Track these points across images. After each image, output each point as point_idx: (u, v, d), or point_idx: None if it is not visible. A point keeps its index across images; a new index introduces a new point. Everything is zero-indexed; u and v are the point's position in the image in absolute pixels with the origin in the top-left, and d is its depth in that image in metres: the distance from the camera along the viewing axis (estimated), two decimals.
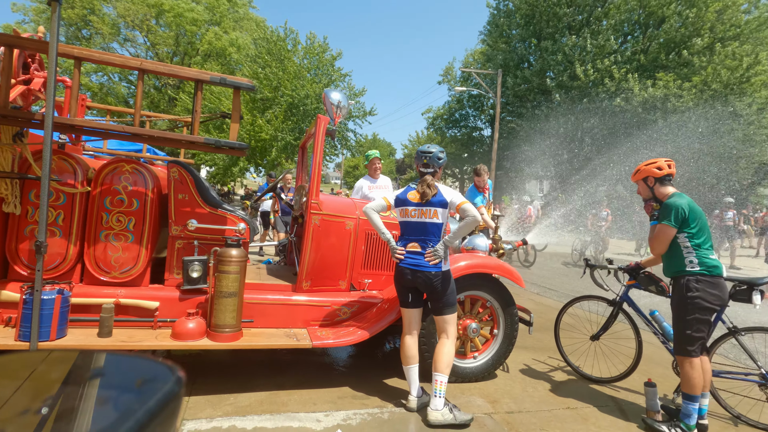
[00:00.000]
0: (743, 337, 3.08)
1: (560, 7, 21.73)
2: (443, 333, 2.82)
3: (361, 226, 3.50)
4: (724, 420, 3.11)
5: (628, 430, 2.87)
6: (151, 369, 0.57)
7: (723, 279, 2.84)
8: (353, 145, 23.28)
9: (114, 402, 0.50)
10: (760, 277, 3.13)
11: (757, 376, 3.06)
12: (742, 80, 17.84)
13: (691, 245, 2.84)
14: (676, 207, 2.83)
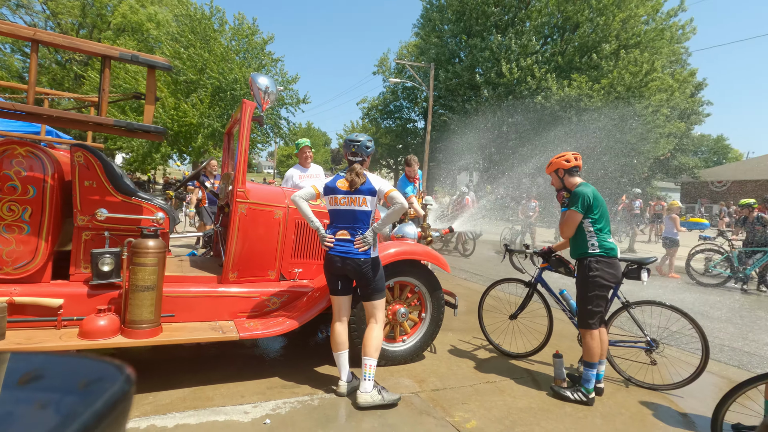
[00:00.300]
0: (634, 310, 3.52)
1: (488, 6, 22.75)
2: (372, 318, 2.90)
3: (290, 214, 3.45)
4: (617, 383, 3.53)
5: (539, 397, 3.17)
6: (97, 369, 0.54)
7: (618, 260, 3.22)
8: (286, 133, 22.65)
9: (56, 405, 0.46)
10: (647, 258, 3.60)
11: (644, 343, 3.52)
12: (641, 84, 20.04)
13: (594, 230, 3.18)
14: (583, 195, 3.14)
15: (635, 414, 3.01)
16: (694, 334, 3.32)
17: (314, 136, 53.01)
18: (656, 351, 3.48)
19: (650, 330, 3.60)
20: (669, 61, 22.46)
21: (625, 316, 3.60)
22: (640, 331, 3.51)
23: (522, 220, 11.74)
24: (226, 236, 3.31)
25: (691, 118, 27.29)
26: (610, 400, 3.20)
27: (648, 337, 3.49)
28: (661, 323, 3.62)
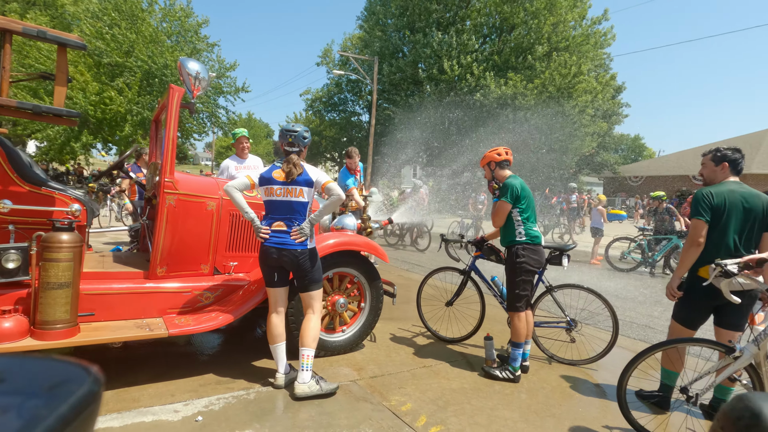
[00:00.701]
0: (556, 293, 3.82)
1: (431, 3, 23.16)
2: (309, 308, 2.89)
3: (224, 206, 3.33)
4: (542, 360, 3.82)
5: (471, 378, 3.35)
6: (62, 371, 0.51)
7: (542, 247, 3.47)
8: (225, 123, 21.64)
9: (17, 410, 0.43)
10: (567, 245, 3.91)
11: (564, 323, 3.83)
12: (570, 86, 21.50)
13: (521, 219, 3.40)
14: (512, 186, 3.35)
15: (555, 387, 3.28)
16: (608, 314, 3.68)
17: (255, 127, 51.13)
18: (575, 330, 3.81)
19: (571, 311, 3.92)
20: (594, 65, 24.31)
21: (549, 300, 3.89)
22: (561, 312, 3.82)
23: (472, 213, 12.11)
24: (154, 229, 3.13)
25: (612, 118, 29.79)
26: (534, 377, 3.45)
27: (568, 317, 3.80)
28: (579, 305, 3.97)
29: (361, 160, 5.91)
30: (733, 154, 2.89)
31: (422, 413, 2.72)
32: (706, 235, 2.72)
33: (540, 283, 3.85)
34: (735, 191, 2.75)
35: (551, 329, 4.06)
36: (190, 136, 21.90)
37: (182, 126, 20.56)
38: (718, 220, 2.72)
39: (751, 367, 2.25)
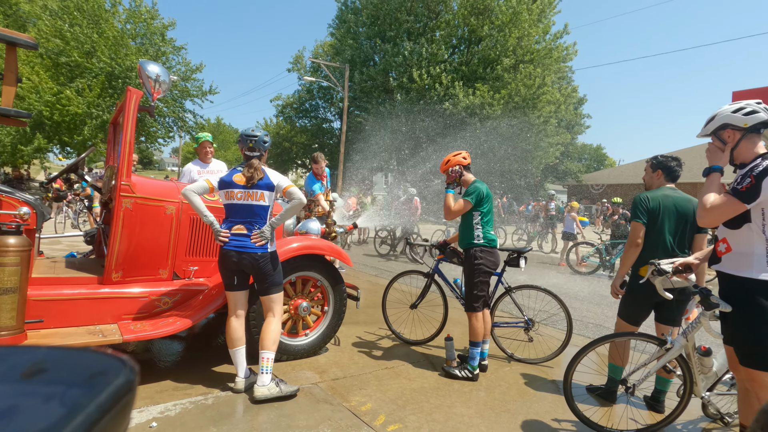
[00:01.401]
0: (515, 294, 3.97)
1: (401, 13, 23.57)
2: (270, 312, 2.90)
3: (185, 210, 3.29)
4: (501, 359, 3.95)
5: (432, 378, 3.43)
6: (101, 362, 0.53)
7: (498, 249, 3.62)
8: (192, 127, 21.14)
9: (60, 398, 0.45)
10: (524, 248, 4.08)
11: (523, 323, 3.98)
12: (535, 97, 22.32)
13: (481, 222, 3.53)
14: (479, 190, 3.50)
15: (512, 384, 3.40)
16: (564, 314, 3.85)
17: (225, 133, 50.14)
18: (533, 329, 3.97)
19: (530, 312, 4.08)
20: (557, 77, 25.35)
21: (511, 302, 4.04)
22: (520, 312, 3.97)
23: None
24: (110, 234, 3.06)
25: (574, 128, 31.10)
26: (493, 375, 3.57)
27: (526, 317, 3.95)
28: (538, 306, 4.13)
29: (332, 167, 5.95)
30: (668, 163, 3.13)
31: (381, 413, 2.77)
32: (643, 236, 2.93)
33: (499, 285, 4.00)
34: (669, 196, 2.98)
35: (510, 329, 4.20)
36: (154, 141, 21.26)
37: (146, 130, 19.96)
38: (654, 223, 2.93)
39: (681, 358, 2.43)
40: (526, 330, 3.99)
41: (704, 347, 2.44)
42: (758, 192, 1.95)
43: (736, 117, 2.09)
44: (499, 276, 4.02)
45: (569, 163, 35.27)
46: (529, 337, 4.01)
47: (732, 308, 2.04)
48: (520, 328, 4.04)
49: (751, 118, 2.05)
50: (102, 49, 16.97)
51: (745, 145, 2.10)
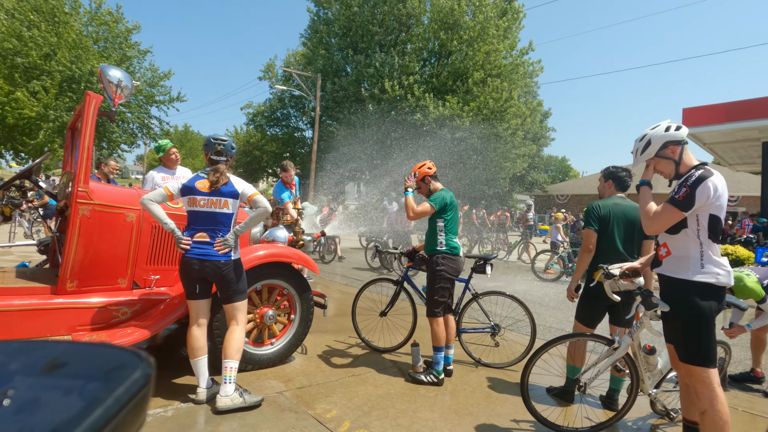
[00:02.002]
0: (481, 300, 4.08)
1: (373, 25, 23.90)
2: (233, 320, 2.87)
3: (146, 218, 3.22)
4: (469, 364, 4.03)
5: (398, 384, 3.47)
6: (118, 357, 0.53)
7: (460, 257, 3.72)
8: (158, 134, 20.56)
9: (79, 392, 0.45)
10: (490, 254, 4.21)
11: (489, 328, 4.09)
12: (502, 110, 23.04)
13: (444, 230, 3.62)
14: (443, 197, 3.60)
15: (476, 388, 3.48)
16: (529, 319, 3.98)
17: (193, 140, 48.94)
18: (499, 335, 4.08)
19: (497, 318, 4.19)
20: (523, 91, 26.29)
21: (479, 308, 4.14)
22: (486, 318, 4.07)
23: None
24: (65, 242, 2.95)
25: (540, 141, 32.24)
26: (458, 380, 3.64)
27: (492, 322, 4.06)
28: (504, 312, 4.26)
29: (303, 176, 5.95)
30: (618, 173, 3.34)
31: (346, 419, 2.77)
32: (595, 242, 3.10)
33: (467, 291, 4.10)
34: (619, 204, 3.18)
35: (478, 334, 4.30)
36: (117, 147, 20.52)
37: (108, 136, 19.26)
38: (606, 230, 3.11)
39: (628, 356, 2.58)
40: (493, 335, 4.09)
41: (649, 346, 2.59)
42: (693, 200, 2.13)
43: (673, 134, 2.28)
44: (466, 282, 4.13)
45: (536, 174, 36.50)
46: (495, 342, 4.11)
47: (670, 308, 2.20)
48: (486, 333, 4.14)
49: (682, 131, 2.26)
50: (62, 52, 16.32)
51: (686, 157, 2.30)
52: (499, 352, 4.18)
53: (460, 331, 4.06)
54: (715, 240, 2.17)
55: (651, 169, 2.40)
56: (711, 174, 2.15)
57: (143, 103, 19.43)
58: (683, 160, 2.31)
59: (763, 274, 3.63)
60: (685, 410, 2.49)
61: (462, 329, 4.09)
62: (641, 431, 2.92)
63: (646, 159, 2.39)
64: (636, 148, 2.42)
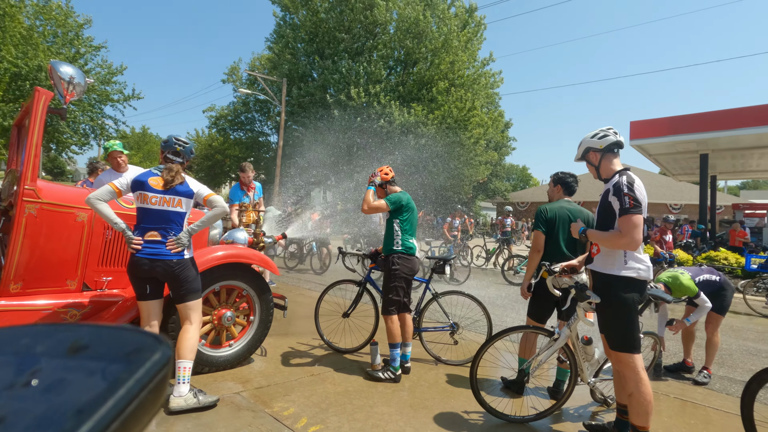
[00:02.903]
0: (441, 299, 4.22)
1: (339, 32, 24.04)
2: (187, 320, 2.84)
3: (98, 218, 3.15)
4: (429, 362, 4.14)
5: (357, 382, 3.53)
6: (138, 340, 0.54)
7: (416, 257, 3.84)
8: (113, 135, 19.66)
9: (103, 373, 0.47)
10: (450, 255, 4.38)
11: (448, 327, 4.22)
12: (465, 119, 23.70)
13: (400, 230, 3.75)
14: (399, 198, 3.74)
15: (433, 384, 3.60)
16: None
17: (151, 143, 47.08)
18: (458, 333, 4.23)
19: (453, 314, 4.33)
20: (486, 101, 27.17)
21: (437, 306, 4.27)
22: (446, 317, 4.21)
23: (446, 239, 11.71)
24: (8, 242, 2.84)
25: (502, 149, 33.35)
26: (416, 376, 3.75)
27: (451, 321, 4.20)
28: (463, 312, 4.42)
29: (268, 181, 5.93)
30: (566, 179, 3.59)
31: (304, 416, 2.81)
32: (543, 243, 3.32)
33: (427, 291, 4.24)
34: (564, 207, 3.42)
35: (438, 333, 4.44)
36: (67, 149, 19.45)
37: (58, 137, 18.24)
38: (552, 231, 3.34)
39: (567, 347, 2.78)
40: (452, 333, 4.24)
41: (586, 337, 2.81)
42: (639, 200, 2.34)
43: (594, 141, 2.54)
44: (427, 283, 4.26)
45: (497, 182, 37.70)
46: (454, 340, 4.26)
47: (600, 300, 2.41)
48: (446, 331, 4.28)
49: (603, 140, 2.51)
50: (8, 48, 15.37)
51: (605, 163, 2.55)
52: (457, 350, 4.33)
53: (421, 330, 4.18)
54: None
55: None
56: (634, 178, 2.40)
57: (96, 101, 18.55)
58: (602, 165, 2.56)
59: (694, 273, 4.00)
60: (618, 395, 2.71)
61: (422, 328, 4.21)
62: (582, 418, 3.13)
63: (576, 160, 2.63)
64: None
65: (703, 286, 3.88)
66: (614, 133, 2.54)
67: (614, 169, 2.53)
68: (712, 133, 13.52)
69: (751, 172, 20.37)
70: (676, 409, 3.38)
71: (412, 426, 2.80)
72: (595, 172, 2.60)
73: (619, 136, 2.55)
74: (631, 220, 2.31)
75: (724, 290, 3.99)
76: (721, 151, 15.41)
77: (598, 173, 2.59)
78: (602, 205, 2.51)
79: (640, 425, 2.37)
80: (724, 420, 3.19)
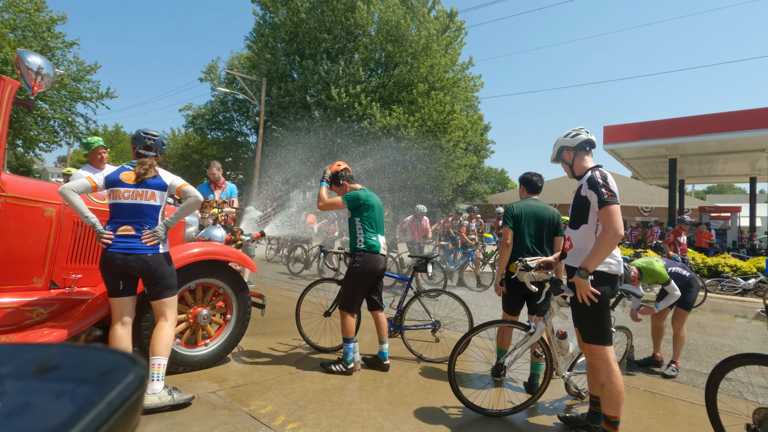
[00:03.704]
0: (423, 297, 4.24)
1: (320, 33, 23.95)
2: (162, 316, 2.77)
3: (67, 213, 3.04)
4: (410, 360, 4.14)
5: (336, 379, 3.50)
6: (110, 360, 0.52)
7: (378, 254, 3.79)
8: (83, 133, 19.04)
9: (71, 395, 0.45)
10: (432, 254, 4.41)
11: (430, 325, 4.24)
12: (445, 122, 23.94)
13: (363, 228, 3.75)
14: (357, 195, 3.77)
15: (412, 381, 3.61)
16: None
17: (124, 141, 45.74)
18: (439, 331, 4.25)
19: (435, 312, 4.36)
20: (465, 105, 27.52)
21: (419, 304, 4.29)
22: (428, 315, 4.22)
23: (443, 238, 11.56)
24: None
25: (481, 152, 33.83)
26: (396, 374, 3.76)
27: (433, 319, 4.22)
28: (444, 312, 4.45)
29: (246, 182, 5.87)
30: (530, 178, 3.73)
31: (281, 413, 2.78)
32: (512, 238, 3.41)
33: (409, 290, 4.26)
34: (530, 205, 3.55)
35: (420, 331, 4.46)
36: (35, 146, 18.72)
37: (25, 134, 17.53)
38: (518, 227, 3.46)
39: (542, 341, 2.85)
40: (434, 331, 4.26)
41: (561, 331, 2.88)
42: (615, 191, 2.41)
43: (566, 140, 2.63)
44: (409, 281, 4.28)
45: (476, 184, 38.20)
46: (436, 338, 4.28)
47: (573, 293, 2.48)
48: (428, 329, 4.30)
49: (576, 139, 2.59)
50: None
51: (578, 161, 2.63)
52: (439, 348, 4.35)
53: (403, 327, 4.19)
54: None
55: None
56: (606, 173, 2.48)
57: (67, 98, 17.92)
58: (575, 163, 2.65)
59: (668, 263, 4.19)
60: (591, 387, 2.78)
61: (405, 326, 4.22)
62: (558, 411, 3.20)
63: (552, 161, 2.71)
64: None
65: (673, 277, 4.06)
66: (586, 132, 2.63)
67: (587, 166, 2.62)
68: (680, 138, 14.09)
69: (717, 176, 21.32)
70: (646, 401, 3.49)
71: (391, 422, 2.80)
72: (570, 171, 2.69)
73: (590, 135, 2.64)
74: (611, 211, 2.37)
75: (691, 286, 4.16)
76: (688, 156, 16.08)
77: (572, 171, 2.67)
78: (576, 200, 2.59)
79: (612, 415, 2.44)
80: (691, 410, 3.32)
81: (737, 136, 13.19)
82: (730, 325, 6.95)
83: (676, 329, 4.21)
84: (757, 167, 17.36)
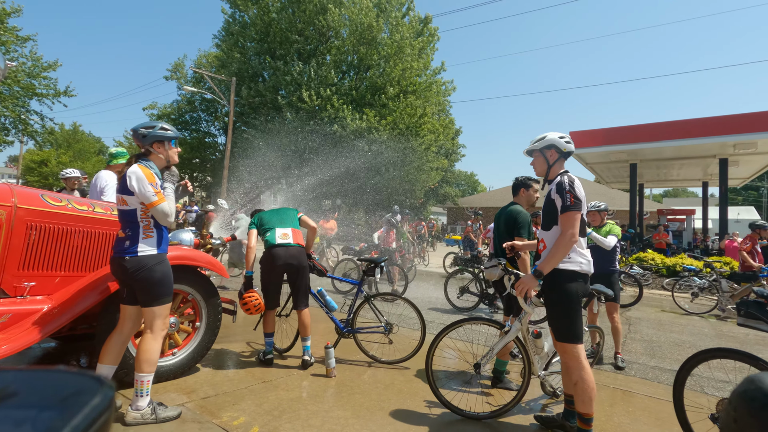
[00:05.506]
0: (375, 301, 4.20)
1: (292, 33, 23.65)
2: (147, 327, 2.62)
3: (18, 216, 2.82)
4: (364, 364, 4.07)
5: (310, 386, 3.41)
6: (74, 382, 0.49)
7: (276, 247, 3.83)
8: (38, 132, 18.00)
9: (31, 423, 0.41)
10: (382, 258, 4.37)
11: (382, 327, 4.19)
12: (417, 125, 24.12)
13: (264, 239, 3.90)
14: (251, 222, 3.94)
15: (388, 386, 3.55)
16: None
17: (83, 141, 43.61)
18: (392, 333, 4.22)
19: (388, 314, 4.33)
20: (437, 109, 27.84)
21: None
22: (379, 318, 4.17)
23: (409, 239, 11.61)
24: None
25: (452, 156, 34.33)
26: (371, 378, 3.70)
27: (384, 322, 4.17)
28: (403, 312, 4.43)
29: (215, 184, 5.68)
30: (514, 182, 3.82)
31: (255, 424, 2.67)
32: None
33: (360, 293, 4.21)
34: (502, 208, 3.80)
35: (373, 334, 4.41)
36: None
37: None
38: (495, 231, 3.64)
39: (518, 340, 2.88)
40: (386, 333, 4.21)
41: (536, 331, 2.92)
42: (580, 198, 2.49)
43: (561, 142, 2.67)
44: (359, 285, 4.24)
45: (447, 188, 38.75)
46: (389, 339, 4.26)
47: (546, 293, 2.52)
48: (380, 333, 4.25)
49: (568, 146, 2.66)
50: None
51: (557, 166, 2.70)
52: (394, 348, 4.32)
53: (355, 330, 4.13)
54: (581, 234, 2.55)
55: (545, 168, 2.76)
56: (574, 178, 2.56)
57: (20, 95, 16.88)
58: (555, 166, 2.72)
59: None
60: (566, 386, 2.83)
61: (356, 329, 4.16)
62: (534, 410, 3.24)
63: (534, 148, 2.74)
64: (535, 139, 2.78)
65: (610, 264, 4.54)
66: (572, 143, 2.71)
67: (558, 171, 2.70)
68: (640, 144, 14.78)
69: (673, 180, 22.51)
70: (617, 399, 3.59)
71: (369, 428, 2.75)
72: (545, 169, 2.72)
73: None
74: (570, 217, 2.48)
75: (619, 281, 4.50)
76: (647, 161, 16.88)
77: (548, 172, 2.72)
78: (546, 203, 2.66)
79: (585, 412, 2.49)
80: (658, 406, 3.44)
81: (691, 143, 13.96)
82: (689, 322, 7.31)
83: (613, 321, 4.51)
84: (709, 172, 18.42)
